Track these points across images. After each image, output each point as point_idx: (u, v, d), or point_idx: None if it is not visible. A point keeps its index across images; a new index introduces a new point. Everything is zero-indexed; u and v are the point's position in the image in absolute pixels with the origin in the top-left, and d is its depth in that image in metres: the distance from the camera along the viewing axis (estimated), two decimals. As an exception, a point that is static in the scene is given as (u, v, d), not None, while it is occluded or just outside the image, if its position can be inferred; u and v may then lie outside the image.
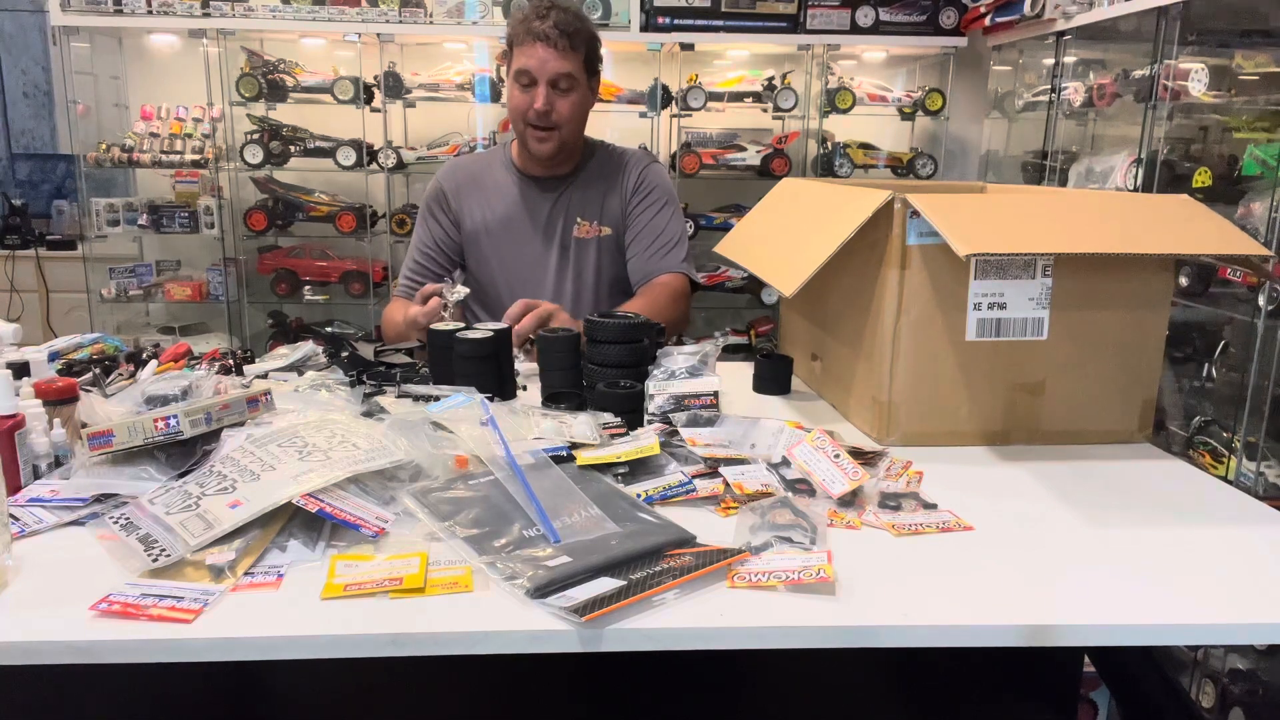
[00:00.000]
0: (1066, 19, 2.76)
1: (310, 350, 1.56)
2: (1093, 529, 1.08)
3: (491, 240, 2.03)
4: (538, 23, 1.86)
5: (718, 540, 0.98)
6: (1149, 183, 2.38)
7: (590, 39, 1.92)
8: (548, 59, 1.86)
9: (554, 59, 1.86)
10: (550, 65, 1.87)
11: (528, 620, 0.84)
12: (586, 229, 2.02)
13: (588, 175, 2.04)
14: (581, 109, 1.94)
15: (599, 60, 1.97)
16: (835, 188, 1.58)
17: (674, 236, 2.03)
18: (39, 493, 1.06)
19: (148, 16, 3.23)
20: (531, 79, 1.88)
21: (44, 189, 4.45)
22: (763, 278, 1.54)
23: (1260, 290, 2.01)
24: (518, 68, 1.90)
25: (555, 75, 1.87)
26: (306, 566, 0.93)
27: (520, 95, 1.91)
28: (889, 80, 3.60)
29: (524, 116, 1.91)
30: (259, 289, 3.59)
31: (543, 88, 1.88)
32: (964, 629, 0.86)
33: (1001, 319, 1.30)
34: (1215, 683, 2.14)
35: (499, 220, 2.03)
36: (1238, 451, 2.10)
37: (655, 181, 2.06)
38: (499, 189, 2.04)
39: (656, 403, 1.36)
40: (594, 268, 2.04)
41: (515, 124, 1.96)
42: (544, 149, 1.94)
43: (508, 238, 2.03)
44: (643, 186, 2.04)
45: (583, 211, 2.02)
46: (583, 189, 2.03)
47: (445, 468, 1.11)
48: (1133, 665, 1.30)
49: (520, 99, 1.90)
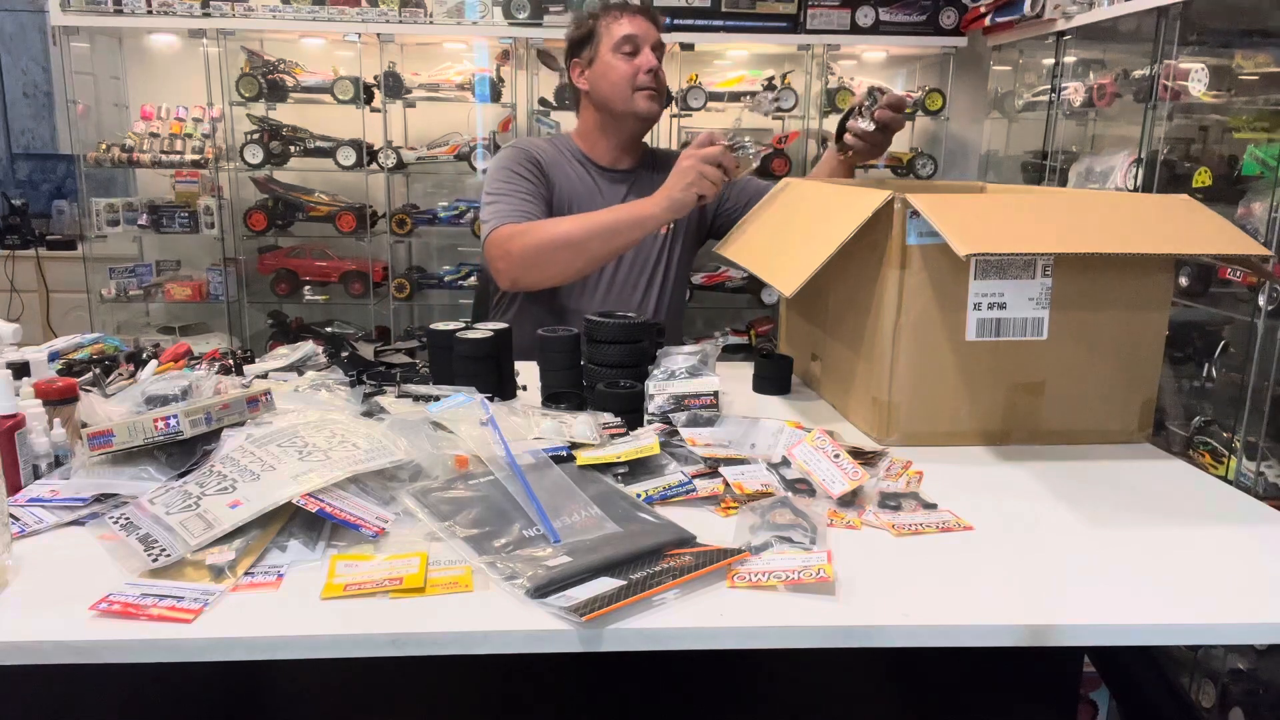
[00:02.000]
0: (1066, 19, 2.76)
1: (310, 350, 1.56)
2: (1093, 529, 1.08)
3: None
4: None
5: (718, 540, 0.98)
6: (1149, 183, 2.38)
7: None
8: (649, 28, 1.99)
9: (651, 29, 1.99)
10: (653, 33, 1.99)
11: (528, 620, 0.84)
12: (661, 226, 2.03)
13: (650, 170, 2.07)
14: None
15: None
16: (835, 188, 1.58)
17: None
18: (39, 493, 1.06)
19: (148, 16, 3.23)
20: (636, 46, 1.96)
21: (44, 189, 4.45)
22: (763, 278, 1.54)
23: (1260, 290, 2.01)
24: (622, 35, 1.96)
25: (655, 41, 1.99)
26: (306, 566, 0.93)
27: (625, 64, 1.96)
28: (889, 80, 3.60)
29: (632, 81, 1.96)
30: (259, 289, 3.59)
31: (648, 51, 1.96)
32: (964, 629, 0.86)
33: (1001, 319, 1.30)
34: (1215, 683, 2.14)
35: (580, 205, 2.00)
36: (1238, 451, 2.10)
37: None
38: (578, 175, 2.05)
39: (656, 403, 1.36)
40: (658, 261, 2.05)
41: (620, 92, 1.97)
42: (656, 108, 2.00)
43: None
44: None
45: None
46: (643, 183, 2.04)
47: (445, 468, 1.11)
48: (1133, 665, 1.30)
49: (626, 67, 1.96)
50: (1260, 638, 0.96)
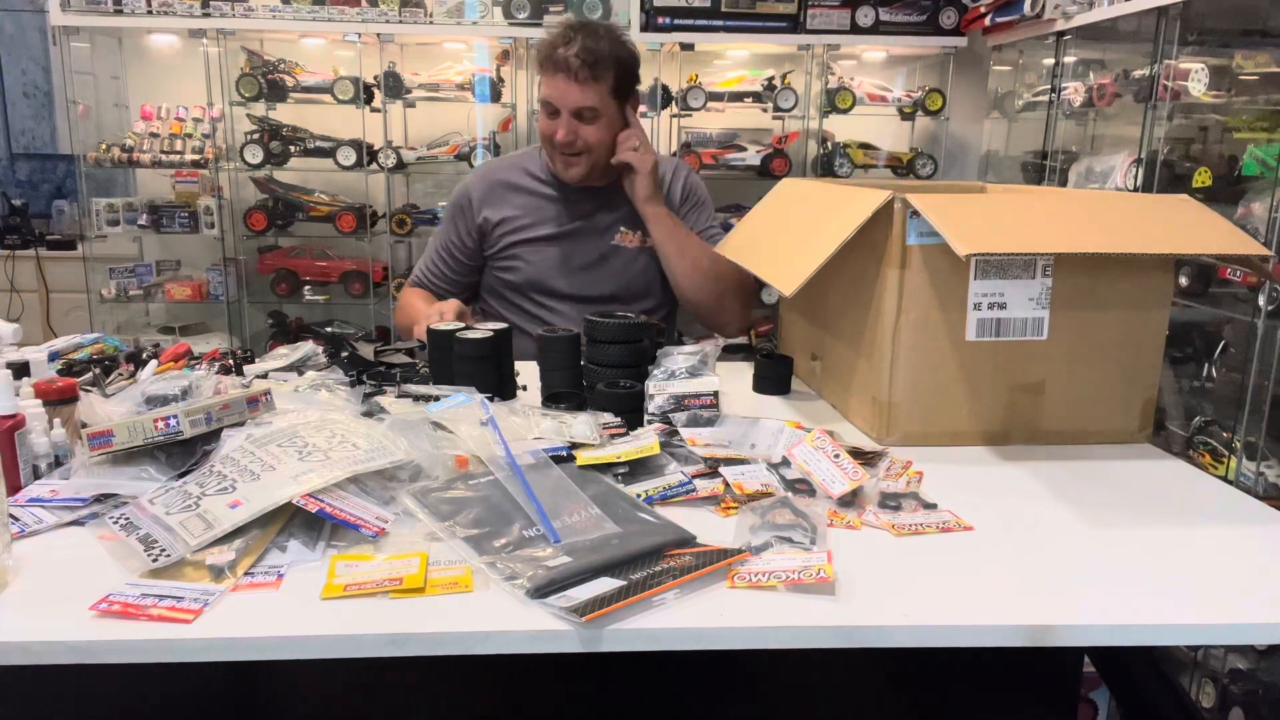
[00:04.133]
0: (1066, 19, 2.76)
1: (310, 350, 1.56)
2: (1093, 529, 1.08)
3: (524, 246, 2.01)
4: (562, 49, 1.82)
5: (718, 540, 0.98)
6: (1149, 183, 2.38)
7: (619, 62, 1.87)
8: (568, 91, 1.84)
9: (575, 91, 1.83)
10: (571, 97, 1.84)
11: (528, 620, 0.84)
12: (630, 239, 2.01)
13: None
14: (610, 134, 1.90)
15: (633, 82, 1.93)
16: (835, 188, 1.58)
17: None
18: (39, 493, 1.06)
19: (148, 16, 3.22)
20: (553, 109, 1.87)
21: (44, 189, 4.45)
22: (763, 278, 1.54)
23: (1260, 290, 2.01)
24: (541, 96, 1.89)
25: (577, 107, 1.85)
26: (306, 566, 0.93)
27: (546, 121, 1.90)
28: (889, 80, 3.60)
29: (550, 143, 1.91)
30: (259, 289, 3.59)
31: (565, 117, 1.85)
32: (964, 629, 0.86)
33: (1001, 319, 1.30)
34: (1215, 683, 2.14)
35: (534, 222, 2.00)
36: (1238, 451, 2.10)
37: (699, 190, 2.10)
38: (534, 195, 2.02)
39: (656, 403, 1.36)
40: (634, 276, 2.03)
41: (545, 146, 1.96)
42: (572, 174, 1.93)
43: (542, 244, 2.00)
44: (690, 197, 2.08)
45: (628, 223, 2.01)
46: (622, 200, 2.00)
47: (445, 468, 1.11)
48: (1133, 665, 1.30)
49: (546, 125, 1.90)
50: (1260, 638, 0.96)
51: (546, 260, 2.01)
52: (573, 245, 2.01)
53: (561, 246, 2.00)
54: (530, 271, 2.01)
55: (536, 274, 2.01)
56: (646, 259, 2.03)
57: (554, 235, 2.01)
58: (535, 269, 2.01)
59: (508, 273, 2.04)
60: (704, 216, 2.10)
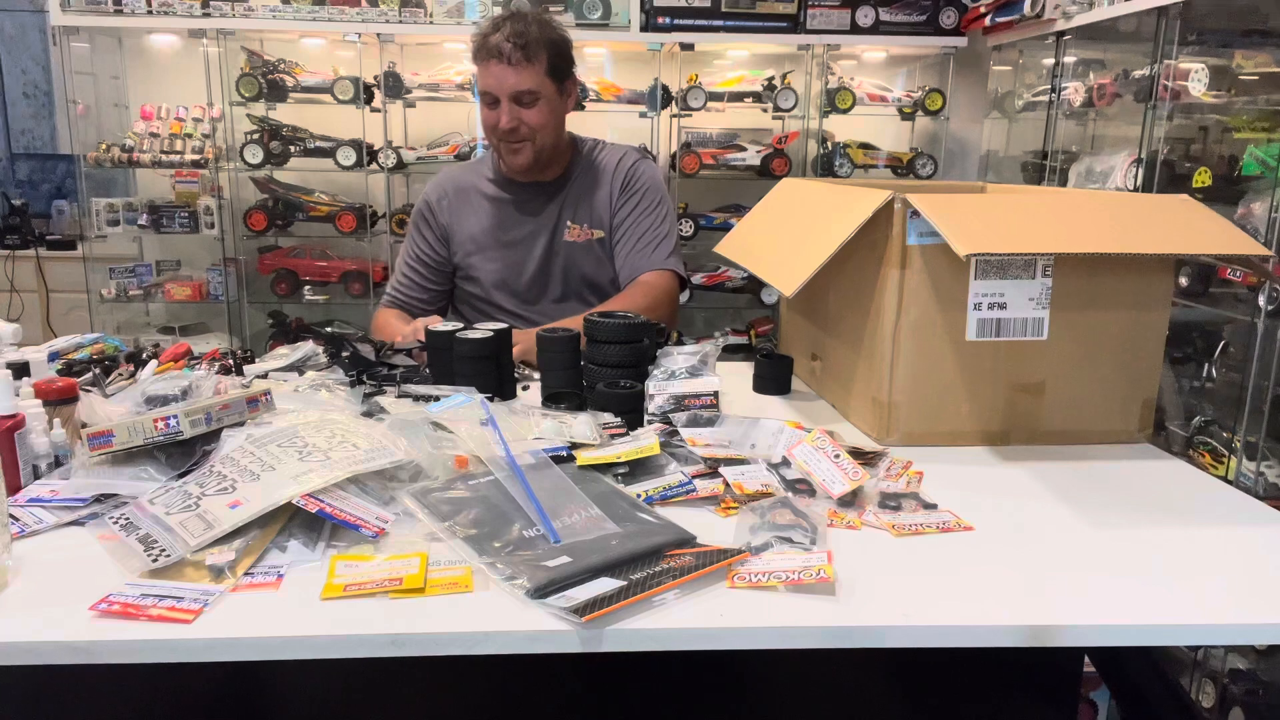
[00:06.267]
0: (1066, 19, 2.76)
1: (310, 350, 1.56)
2: (1093, 529, 1.08)
3: (481, 250, 2.02)
4: (493, 37, 1.83)
5: (718, 540, 0.98)
6: (1149, 183, 2.38)
7: (551, 44, 1.87)
8: (505, 76, 1.84)
9: (511, 75, 1.83)
10: (508, 82, 1.84)
11: (528, 620, 0.84)
12: (577, 232, 2.00)
13: (577, 178, 2.02)
14: (552, 117, 1.90)
15: (567, 63, 1.92)
16: (835, 188, 1.58)
17: (661, 233, 2.00)
18: (39, 493, 1.06)
19: (148, 16, 3.23)
20: (493, 98, 1.87)
21: (44, 189, 4.45)
22: (763, 278, 1.54)
23: (1260, 290, 2.01)
24: (480, 87, 1.89)
25: (515, 91, 1.85)
26: (306, 567, 0.93)
27: (488, 113, 1.90)
28: (889, 80, 3.60)
29: (494, 133, 1.91)
30: (259, 289, 3.59)
31: (505, 104, 1.86)
32: (964, 629, 0.86)
33: (1001, 319, 1.30)
34: (1215, 683, 2.14)
35: (486, 230, 2.01)
36: (1238, 451, 2.10)
37: (643, 178, 2.03)
38: (486, 198, 2.03)
39: (656, 403, 1.36)
40: (585, 271, 2.02)
41: (489, 139, 1.96)
42: (518, 161, 1.93)
43: (496, 246, 2.01)
44: (631, 185, 2.02)
45: (574, 215, 2.01)
46: (573, 192, 2.01)
47: (445, 468, 1.10)
48: (1133, 665, 1.30)
49: (488, 116, 1.90)
50: (1260, 638, 0.96)
51: (506, 265, 2.01)
52: (528, 248, 2.01)
53: (517, 250, 2.01)
54: (491, 278, 2.02)
55: (498, 279, 2.01)
56: (599, 250, 2.02)
57: (510, 241, 2.01)
58: (495, 275, 2.02)
59: (469, 283, 2.05)
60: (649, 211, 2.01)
